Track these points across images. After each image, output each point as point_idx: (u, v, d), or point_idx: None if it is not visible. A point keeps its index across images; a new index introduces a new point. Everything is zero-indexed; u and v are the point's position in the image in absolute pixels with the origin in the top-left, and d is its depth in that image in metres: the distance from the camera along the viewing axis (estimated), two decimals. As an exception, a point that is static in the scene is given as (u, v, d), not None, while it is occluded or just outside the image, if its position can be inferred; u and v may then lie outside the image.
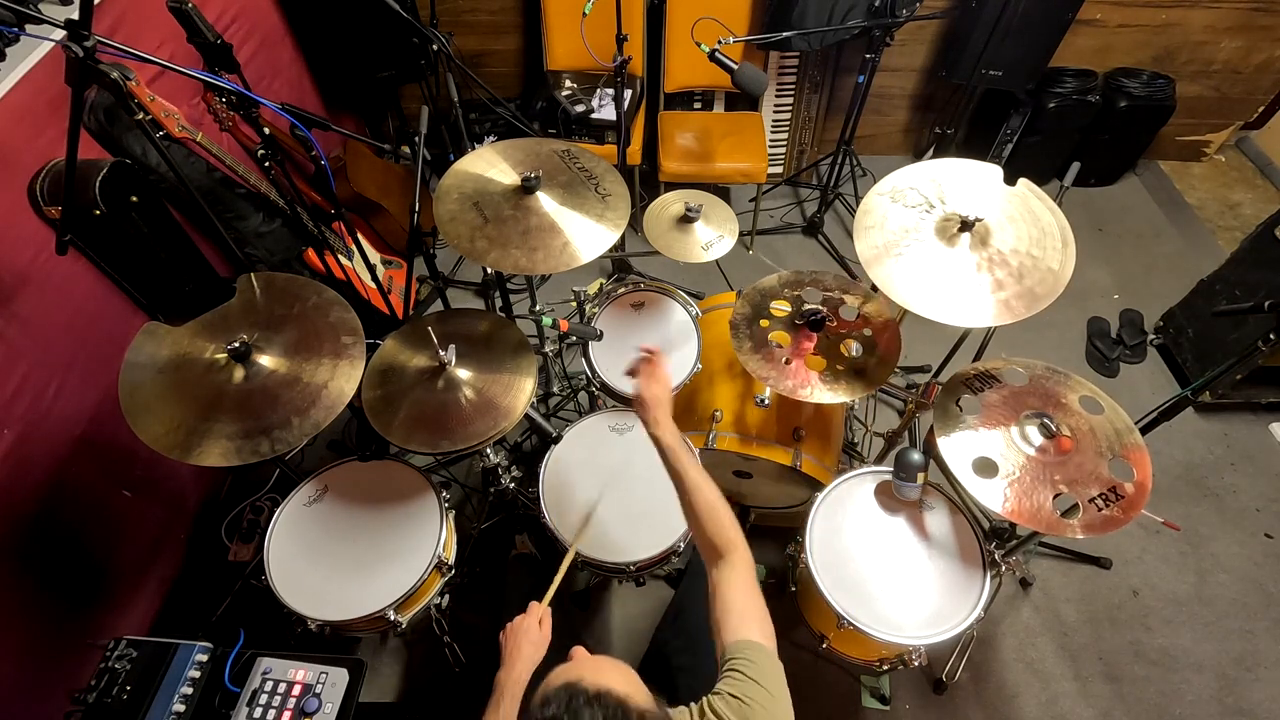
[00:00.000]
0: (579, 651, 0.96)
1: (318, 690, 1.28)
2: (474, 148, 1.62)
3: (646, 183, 3.03)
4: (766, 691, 0.89)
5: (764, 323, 1.60)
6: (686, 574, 1.60)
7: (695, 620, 1.46)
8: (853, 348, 1.57)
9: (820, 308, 1.60)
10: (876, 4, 2.44)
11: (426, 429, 1.40)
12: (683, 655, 1.41)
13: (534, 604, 1.24)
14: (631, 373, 1.26)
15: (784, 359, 1.54)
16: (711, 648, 1.20)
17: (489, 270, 2.53)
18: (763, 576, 2.10)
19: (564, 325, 1.67)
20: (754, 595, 1.02)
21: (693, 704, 0.90)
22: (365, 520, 1.54)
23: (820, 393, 1.49)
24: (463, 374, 1.46)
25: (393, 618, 1.44)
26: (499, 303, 2.12)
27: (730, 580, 1.02)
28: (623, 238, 1.54)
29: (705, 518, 1.09)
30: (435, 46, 1.86)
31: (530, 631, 1.18)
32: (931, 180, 1.55)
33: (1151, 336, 2.74)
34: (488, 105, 2.84)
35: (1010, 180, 1.52)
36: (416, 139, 1.70)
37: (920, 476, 1.46)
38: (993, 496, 1.28)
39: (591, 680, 0.81)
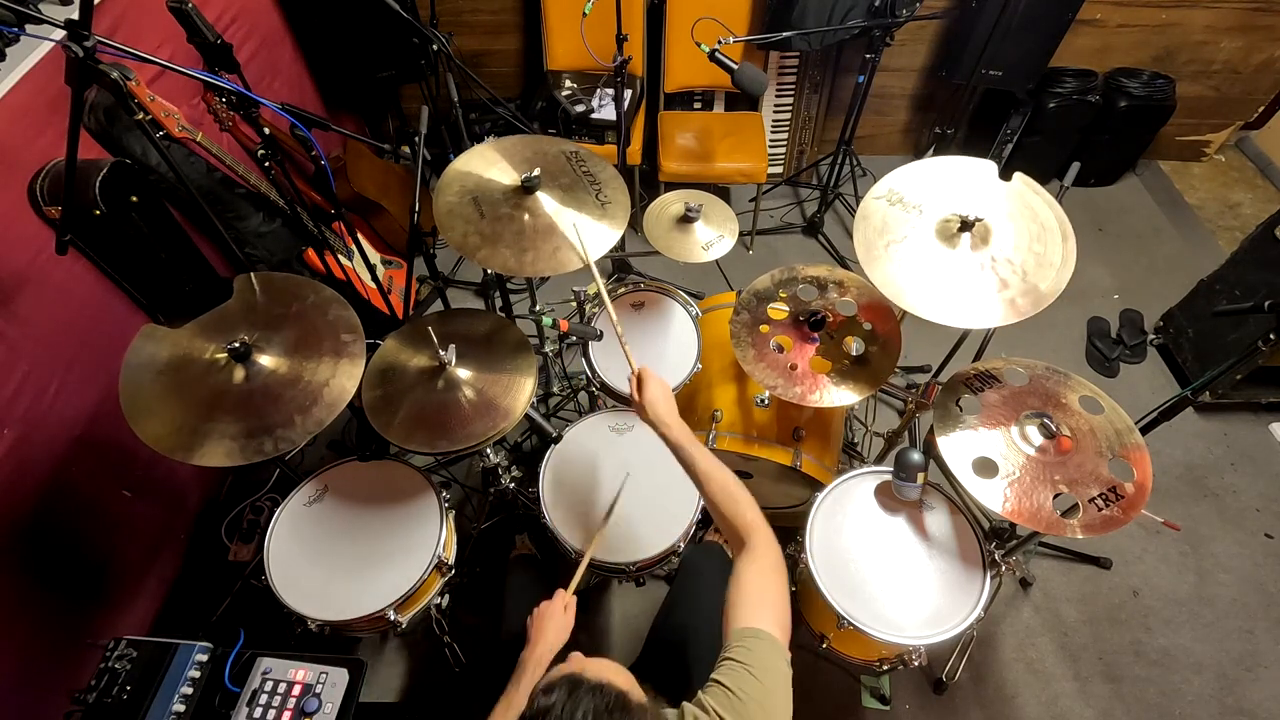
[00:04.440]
0: (576, 655, 0.97)
1: (318, 690, 1.28)
2: (476, 146, 1.61)
3: (646, 183, 3.03)
4: (760, 683, 0.87)
5: (764, 328, 1.60)
6: (679, 571, 1.60)
7: (688, 617, 1.46)
8: (853, 346, 1.57)
9: (819, 309, 1.60)
10: (876, 4, 2.44)
11: (426, 429, 1.40)
12: (676, 651, 1.40)
13: (560, 590, 1.29)
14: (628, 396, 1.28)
15: (789, 365, 1.54)
16: (708, 642, 1.20)
17: (489, 270, 2.53)
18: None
19: (564, 325, 1.67)
20: (771, 582, 1.00)
21: (685, 704, 0.88)
22: (365, 520, 1.54)
23: (829, 395, 1.49)
24: (463, 374, 1.46)
25: (393, 618, 1.44)
26: (499, 303, 2.12)
27: (749, 567, 1.01)
28: (623, 238, 1.53)
29: (721, 503, 1.10)
30: (435, 46, 1.86)
31: (556, 616, 1.23)
32: (930, 181, 1.54)
33: (1151, 336, 2.74)
34: (488, 105, 2.84)
35: (1005, 176, 1.51)
36: (416, 139, 1.70)
37: (920, 476, 1.46)
38: (993, 496, 1.28)
39: (594, 673, 0.82)
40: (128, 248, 1.69)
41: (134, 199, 1.65)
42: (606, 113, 2.67)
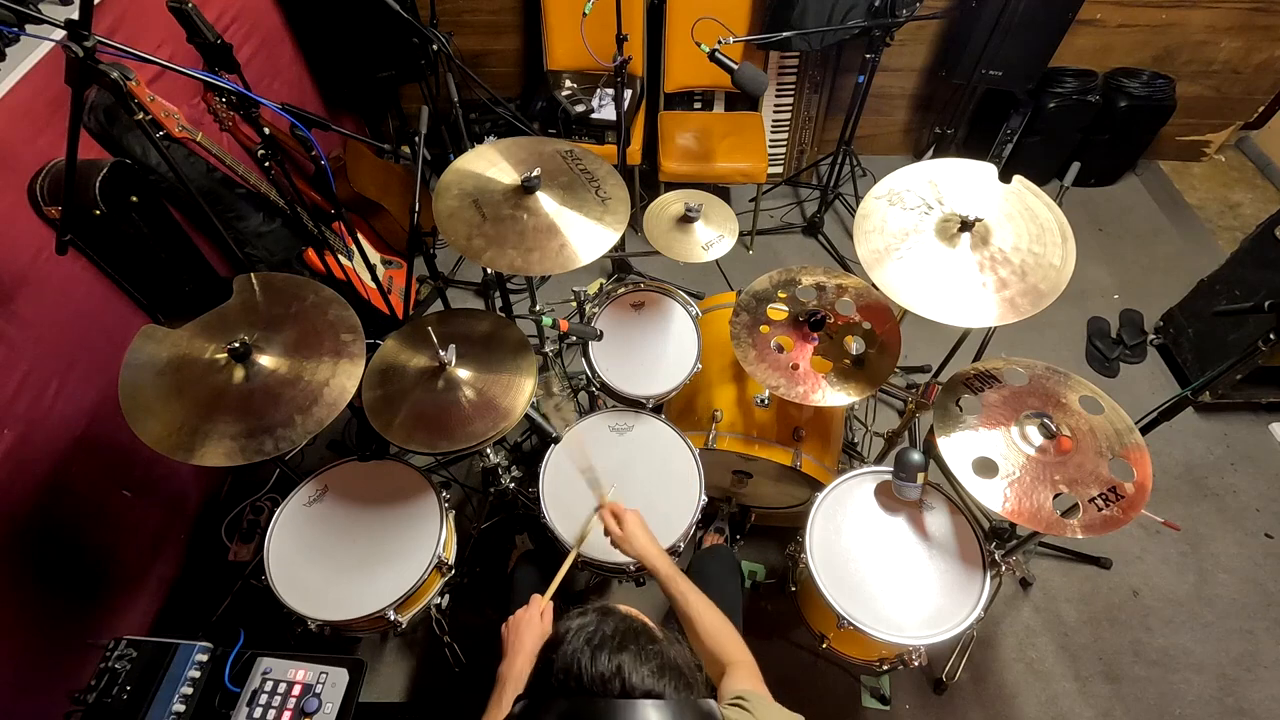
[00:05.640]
0: None
1: (318, 690, 1.28)
2: (474, 148, 1.62)
3: (646, 183, 3.03)
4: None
5: (764, 329, 1.60)
6: (686, 573, 1.60)
7: None
8: (853, 345, 1.57)
9: (819, 309, 1.60)
10: (876, 4, 2.44)
11: (426, 429, 1.40)
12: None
13: (536, 596, 1.24)
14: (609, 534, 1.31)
15: (790, 365, 1.54)
16: None
17: (489, 270, 2.53)
18: (762, 576, 2.10)
19: (564, 325, 1.67)
20: (757, 680, 1.04)
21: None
22: (365, 520, 1.54)
23: (830, 395, 1.49)
24: (463, 374, 1.46)
25: (393, 618, 1.44)
26: (499, 303, 2.12)
27: (730, 680, 1.04)
28: (623, 238, 1.54)
29: (708, 640, 1.12)
30: (435, 46, 1.86)
31: (533, 624, 1.18)
32: (929, 181, 1.55)
33: (1151, 336, 2.74)
34: (488, 105, 2.84)
35: (1005, 178, 1.52)
36: (416, 139, 1.70)
37: (920, 476, 1.46)
38: (993, 496, 1.28)
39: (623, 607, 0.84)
40: (128, 248, 1.69)
41: (134, 199, 1.65)
42: (606, 113, 2.67)
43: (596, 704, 0.67)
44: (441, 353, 1.42)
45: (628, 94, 2.57)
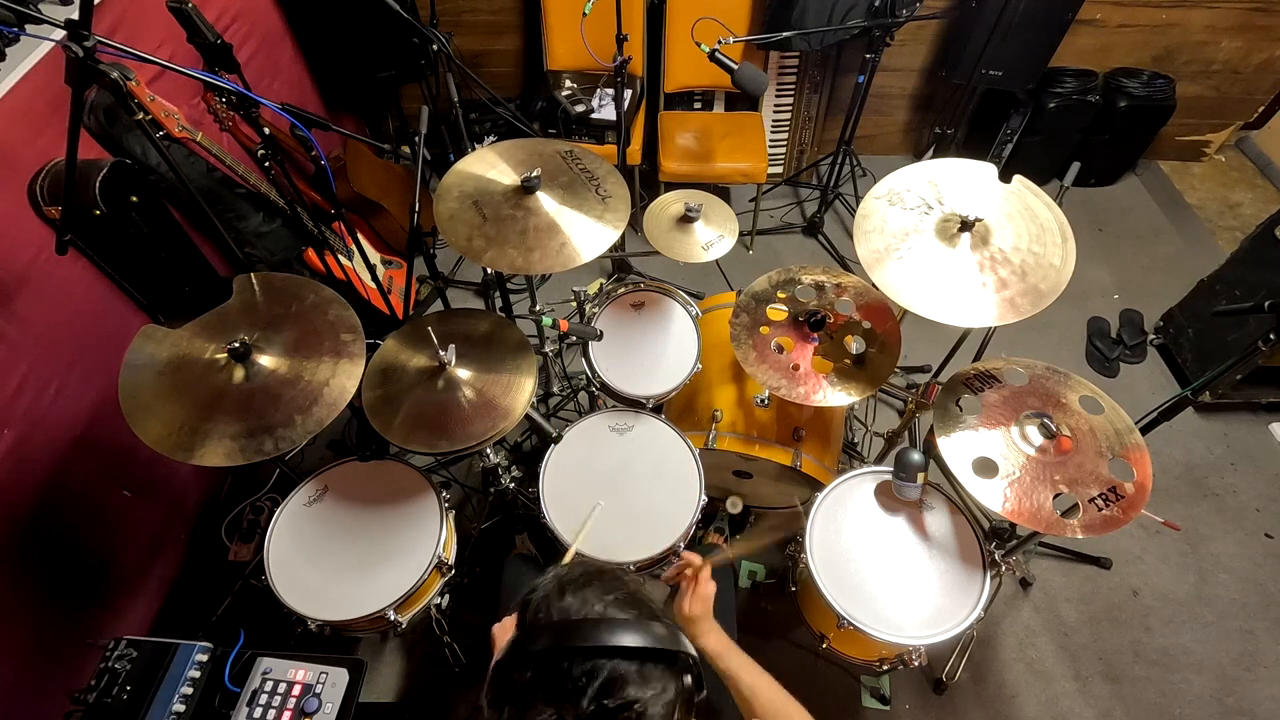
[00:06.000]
0: None
1: (318, 690, 1.28)
2: (474, 148, 1.62)
3: (646, 183, 3.03)
4: None
5: (764, 329, 1.60)
6: None
7: None
8: (853, 345, 1.57)
9: (819, 308, 1.60)
10: (876, 4, 2.44)
11: (426, 429, 1.40)
12: None
13: None
14: (669, 578, 1.18)
15: (791, 365, 1.54)
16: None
17: (489, 270, 2.53)
18: (762, 576, 2.10)
19: (564, 325, 1.67)
20: None
21: None
22: (365, 520, 1.54)
23: (832, 395, 1.49)
24: (463, 374, 1.46)
25: (393, 618, 1.44)
26: (499, 303, 2.12)
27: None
28: (623, 238, 1.54)
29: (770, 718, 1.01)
30: (435, 46, 1.86)
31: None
32: (929, 181, 1.55)
33: (1151, 336, 2.74)
34: (488, 105, 2.84)
35: (1005, 178, 1.52)
36: (416, 139, 1.70)
37: (920, 476, 1.46)
38: (993, 496, 1.28)
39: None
40: (128, 248, 1.69)
41: (134, 199, 1.65)
42: (606, 113, 2.67)
43: (559, 629, 0.71)
44: (441, 353, 1.42)
45: (628, 94, 2.58)
